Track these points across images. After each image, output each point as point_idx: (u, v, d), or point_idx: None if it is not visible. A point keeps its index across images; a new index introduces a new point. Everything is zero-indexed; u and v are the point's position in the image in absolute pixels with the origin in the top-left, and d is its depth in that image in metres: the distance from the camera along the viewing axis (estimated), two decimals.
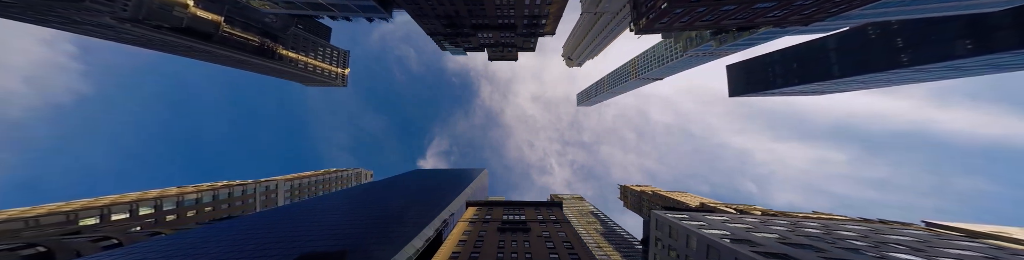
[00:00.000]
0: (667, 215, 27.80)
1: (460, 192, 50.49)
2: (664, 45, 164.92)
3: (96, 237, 29.61)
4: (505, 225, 29.17)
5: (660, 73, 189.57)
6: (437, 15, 35.84)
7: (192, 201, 64.16)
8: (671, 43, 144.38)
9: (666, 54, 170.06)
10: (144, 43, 44.43)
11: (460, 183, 65.94)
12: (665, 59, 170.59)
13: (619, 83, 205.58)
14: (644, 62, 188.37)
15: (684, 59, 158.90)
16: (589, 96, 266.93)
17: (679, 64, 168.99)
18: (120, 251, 25.17)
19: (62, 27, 39.05)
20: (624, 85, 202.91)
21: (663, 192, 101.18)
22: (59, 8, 30.19)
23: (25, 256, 23.00)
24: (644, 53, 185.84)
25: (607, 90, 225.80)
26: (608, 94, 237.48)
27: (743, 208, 51.36)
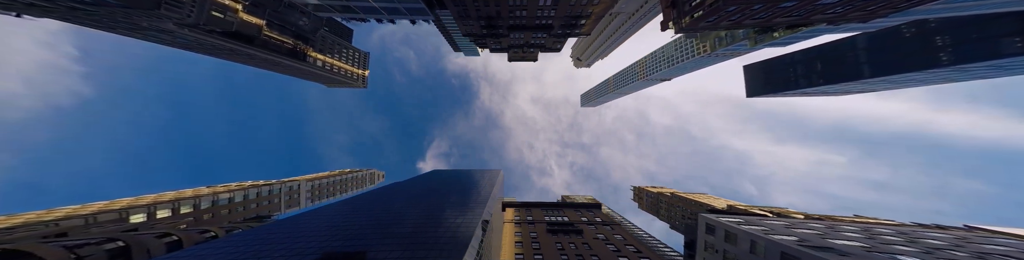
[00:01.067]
0: (721, 219, 26.52)
1: (491, 193, 49.82)
2: (674, 45, 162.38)
3: (158, 233, 30.35)
4: (553, 227, 28.32)
5: (669, 74, 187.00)
6: (478, 16, 35.43)
7: (225, 200, 64.87)
8: (689, 43, 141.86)
9: (676, 54, 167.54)
10: (192, 47, 45.29)
11: (487, 184, 65.29)
12: (675, 59, 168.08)
13: (626, 84, 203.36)
14: (652, 63, 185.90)
15: (695, 59, 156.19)
16: (594, 97, 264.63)
17: (690, 64, 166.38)
18: (192, 251, 25.31)
19: (126, 33, 40.14)
20: (631, 86, 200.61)
21: (683, 194, 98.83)
22: (134, 16, 30.99)
23: (108, 250, 24.50)
24: (653, 53, 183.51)
25: (612, 91, 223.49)
26: (614, 95, 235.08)
27: (780, 211, 49.43)
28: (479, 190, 57.04)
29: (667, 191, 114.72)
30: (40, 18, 33.40)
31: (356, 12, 35.03)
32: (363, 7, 34.30)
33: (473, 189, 58.80)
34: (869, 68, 73.20)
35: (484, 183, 72.29)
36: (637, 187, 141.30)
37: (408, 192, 55.10)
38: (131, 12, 29.47)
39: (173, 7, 31.04)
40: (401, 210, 35.08)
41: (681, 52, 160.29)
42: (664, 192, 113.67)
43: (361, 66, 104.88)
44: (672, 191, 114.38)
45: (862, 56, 75.02)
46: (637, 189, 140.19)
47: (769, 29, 35.75)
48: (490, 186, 68.08)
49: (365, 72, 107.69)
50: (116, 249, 25.12)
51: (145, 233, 30.15)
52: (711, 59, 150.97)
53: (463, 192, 52.23)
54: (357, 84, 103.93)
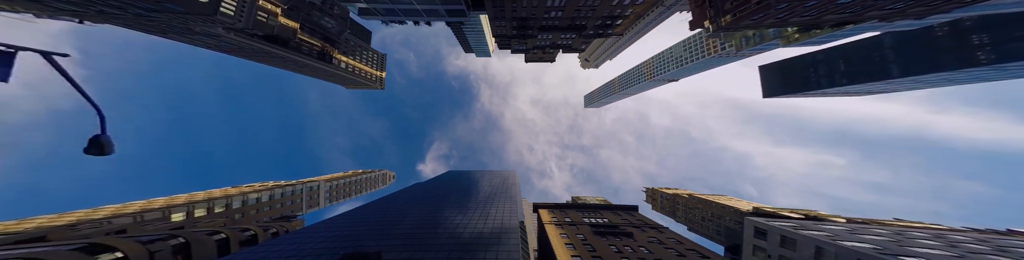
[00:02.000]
0: (774, 223, 25.24)
1: (516, 194, 49.09)
2: (683, 46, 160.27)
3: (209, 231, 30.71)
4: (599, 229, 27.29)
5: (677, 74, 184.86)
6: (513, 17, 34.89)
7: (254, 200, 65.23)
8: (698, 44, 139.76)
9: (685, 55, 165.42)
10: (232, 50, 45.91)
11: (507, 185, 64.55)
12: (684, 60, 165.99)
13: (632, 84, 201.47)
14: (660, 63, 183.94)
15: (705, 60, 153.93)
16: (598, 97, 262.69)
17: (699, 65, 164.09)
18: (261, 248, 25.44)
19: (176, 37, 40.92)
20: (637, 86, 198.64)
21: (702, 196, 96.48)
22: (190, 21, 31.59)
23: (173, 245, 25.43)
24: (660, 54, 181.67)
25: (618, 92, 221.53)
26: (619, 95, 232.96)
27: (814, 214, 47.50)
28: (503, 191, 56.28)
29: (683, 192, 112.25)
30: (99, 24, 34.19)
31: (399, 15, 34.87)
32: (406, 10, 34.13)
33: (497, 190, 58.06)
34: (898, 67, 70.64)
35: (504, 184, 71.49)
36: (651, 188, 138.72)
37: (437, 193, 54.56)
38: (189, 18, 30.09)
39: (228, 12, 31.59)
40: (439, 211, 34.49)
41: (690, 53, 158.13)
42: (680, 194, 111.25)
43: (379, 67, 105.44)
44: (689, 192, 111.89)
45: (890, 55, 72.51)
46: (651, 190, 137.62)
47: (814, 27, 34.41)
48: (511, 187, 67.32)
49: (382, 73, 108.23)
50: (178, 245, 26.00)
51: (198, 230, 30.66)
52: (721, 59, 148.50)
53: (488, 193, 51.52)
54: (375, 85, 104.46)
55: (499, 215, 31.19)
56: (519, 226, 29.20)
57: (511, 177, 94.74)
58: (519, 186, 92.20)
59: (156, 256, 23.55)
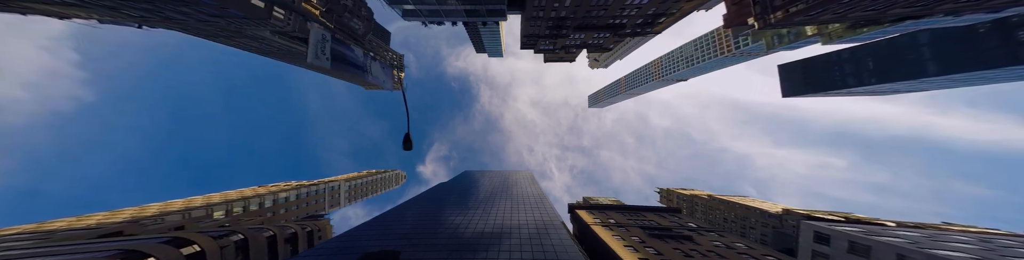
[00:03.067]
0: (840, 228, 23.72)
1: (543, 194, 48.12)
2: (694, 45, 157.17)
3: (257, 228, 31.34)
4: (653, 232, 26.17)
5: (686, 74, 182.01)
6: (549, 17, 33.97)
7: (283, 199, 65.68)
8: (709, 43, 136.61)
9: (696, 54, 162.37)
10: (271, 52, 46.25)
11: (531, 185, 63.62)
12: (694, 60, 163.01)
13: (639, 84, 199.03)
14: (669, 63, 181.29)
15: (717, 59, 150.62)
16: (603, 97, 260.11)
17: (710, 65, 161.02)
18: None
19: (223, 40, 41.39)
20: (644, 86, 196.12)
21: (723, 197, 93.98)
22: (245, 25, 31.93)
23: (235, 241, 26.15)
24: (669, 54, 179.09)
25: (624, 91, 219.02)
26: (624, 95, 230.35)
27: (859, 218, 45.33)
28: (529, 191, 55.43)
29: (702, 193, 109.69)
30: (155, 28, 34.77)
31: (441, 16, 34.38)
32: (449, 10, 33.60)
33: (523, 190, 57.23)
34: (936, 65, 67.40)
35: (526, 184, 70.59)
36: (665, 189, 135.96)
37: (467, 193, 53.90)
38: (244, 22, 30.32)
39: (279, 16, 31.87)
40: (480, 212, 33.84)
41: (702, 52, 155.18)
42: (699, 194, 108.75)
43: (398, 68, 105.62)
44: (708, 194, 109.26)
45: (926, 53, 69.25)
46: (665, 191, 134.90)
47: (872, 22, 32.59)
48: (534, 187, 66.39)
49: (401, 74, 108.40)
50: (239, 241, 26.67)
51: (254, 227, 31.20)
52: (732, 59, 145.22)
53: (515, 193, 50.69)
54: (395, 87, 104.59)
55: (541, 216, 30.30)
56: (566, 227, 28.26)
57: (529, 177, 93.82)
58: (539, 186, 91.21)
59: (224, 251, 24.18)
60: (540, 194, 51.04)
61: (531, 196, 48.00)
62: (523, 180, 79.25)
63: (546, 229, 26.07)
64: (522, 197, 46.99)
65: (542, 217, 29.95)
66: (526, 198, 45.60)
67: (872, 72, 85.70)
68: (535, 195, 48.72)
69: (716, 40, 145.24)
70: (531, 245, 22.31)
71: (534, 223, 27.87)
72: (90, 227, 27.94)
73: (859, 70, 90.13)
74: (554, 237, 23.45)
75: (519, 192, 53.23)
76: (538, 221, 28.56)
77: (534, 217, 30.04)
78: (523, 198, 45.72)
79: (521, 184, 68.24)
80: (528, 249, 21.71)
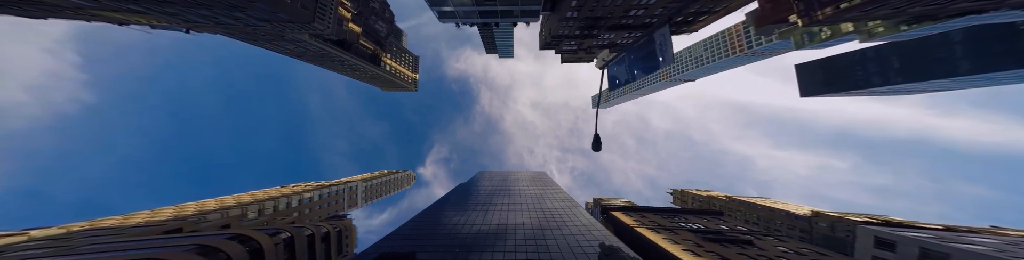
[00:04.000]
0: (906, 234, 22.73)
1: (569, 196, 47.57)
2: (703, 45, 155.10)
3: (296, 226, 31.88)
4: (706, 235, 25.39)
5: (695, 74, 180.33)
6: (585, 17, 33.53)
7: (308, 199, 66.22)
8: (720, 43, 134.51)
9: (706, 54, 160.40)
10: (303, 54, 46.90)
11: (554, 187, 63.09)
12: (704, 60, 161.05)
13: (645, 85, 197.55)
14: (677, 63, 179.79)
15: (728, 59, 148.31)
16: (607, 98, 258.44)
17: (720, 65, 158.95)
18: None
19: (261, 43, 42.16)
20: (651, 86, 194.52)
21: (743, 198, 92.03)
22: (289, 29, 32.56)
23: (284, 239, 26.91)
24: (678, 54, 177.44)
25: (629, 92, 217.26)
26: (630, 96, 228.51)
27: (899, 221, 43.83)
28: (554, 192, 54.91)
29: (719, 195, 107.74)
30: (201, 33, 35.51)
31: (476, 17, 34.26)
32: (485, 12, 33.39)
33: (546, 191, 56.72)
34: (970, 64, 65.23)
35: (547, 185, 70.01)
36: (679, 190, 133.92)
37: (495, 194, 53.56)
38: (289, 26, 30.82)
39: (320, 20, 32.36)
40: (517, 213, 33.49)
41: (711, 52, 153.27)
42: (716, 196, 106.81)
43: (413, 69, 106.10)
44: (725, 195, 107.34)
45: (958, 51, 67.09)
46: (679, 192, 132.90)
47: (929, 17, 31.40)
48: (556, 188, 65.80)
49: (416, 75, 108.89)
50: (287, 239, 27.41)
51: (300, 226, 31.72)
52: (743, 59, 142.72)
53: (547, 195, 50.21)
54: (410, 87, 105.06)
55: (578, 217, 29.82)
56: (609, 230, 27.73)
57: (545, 177, 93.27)
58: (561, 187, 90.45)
59: (277, 248, 24.77)
60: (566, 196, 50.52)
61: (558, 197, 47.49)
62: (542, 181, 78.79)
63: (590, 230, 25.59)
64: (548, 198, 46.53)
65: (579, 218, 29.43)
66: (553, 199, 45.13)
67: (898, 71, 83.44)
68: (562, 196, 48.22)
69: (727, 40, 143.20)
70: (581, 247, 21.85)
71: (575, 225, 27.39)
72: (153, 224, 28.71)
73: (883, 69, 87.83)
74: (603, 239, 22.91)
75: (543, 193, 52.76)
76: (577, 222, 28.06)
77: (571, 218, 29.54)
78: (550, 199, 45.26)
79: (542, 185, 67.78)
80: (580, 250, 21.25)
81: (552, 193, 53.80)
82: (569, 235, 25.07)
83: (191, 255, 18.62)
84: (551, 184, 68.14)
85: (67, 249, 19.47)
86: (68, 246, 19.65)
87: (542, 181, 74.95)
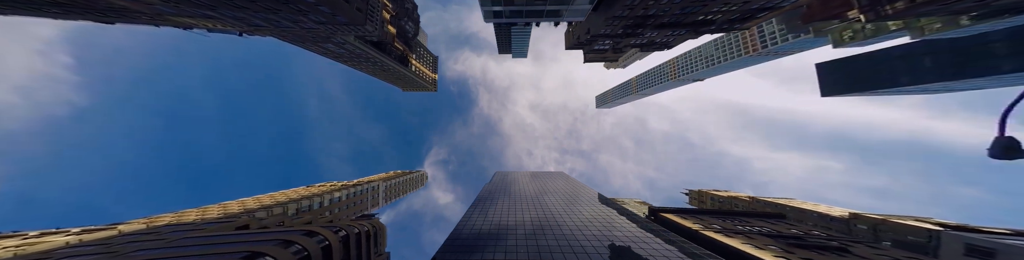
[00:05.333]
0: (1008, 242, 21.50)
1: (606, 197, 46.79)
2: (715, 45, 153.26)
3: (348, 226, 32.16)
4: (790, 240, 24.39)
5: (705, 74, 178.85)
6: (636, 15, 32.93)
7: (337, 199, 66.34)
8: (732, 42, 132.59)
9: (717, 54, 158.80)
10: (342, 56, 47.17)
11: (583, 187, 62.28)
12: (714, 59, 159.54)
13: (652, 84, 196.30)
14: (686, 62, 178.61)
15: (741, 59, 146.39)
16: (612, 98, 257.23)
17: (733, 64, 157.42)
18: None
19: (307, 45, 42.59)
20: (658, 86, 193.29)
21: (769, 199, 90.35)
22: (339, 31, 32.93)
23: (342, 237, 27.53)
24: (687, 53, 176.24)
25: (636, 92, 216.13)
26: (636, 95, 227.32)
27: (938, 222, 42.39)
28: (588, 193, 54.18)
29: (741, 195, 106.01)
30: (253, 36, 35.90)
31: (523, 16, 33.96)
32: (532, 11, 33.06)
33: (579, 192, 56.00)
34: (1012, 62, 63.16)
35: (580, 186, 69.21)
36: (696, 191, 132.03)
37: (535, 195, 52.96)
38: (342, 28, 31.08)
39: (370, 22, 32.72)
40: (570, 218, 32.92)
41: (722, 51, 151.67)
42: (738, 196, 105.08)
43: (433, 69, 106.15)
44: (747, 195, 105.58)
45: (999, 49, 65.02)
46: (697, 193, 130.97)
47: (1012, 10, 30.25)
48: (589, 189, 65.06)
49: (435, 75, 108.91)
50: (344, 236, 27.96)
51: (348, 224, 31.94)
52: (756, 59, 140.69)
53: (584, 195, 49.49)
54: (430, 87, 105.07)
55: (631, 218, 29.12)
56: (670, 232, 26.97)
57: (568, 178, 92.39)
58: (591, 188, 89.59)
59: (339, 244, 25.42)
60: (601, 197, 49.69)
61: (606, 200, 46.65)
62: (570, 182, 78.01)
63: (656, 232, 24.85)
64: (589, 198, 45.78)
65: (637, 219, 28.71)
66: (594, 200, 44.38)
67: (930, 70, 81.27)
68: (600, 197, 47.42)
69: (740, 39, 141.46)
70: (659, 250, 21.18)
71: (634, 226, 26.71)
72: (223, 220, 29.31)
73: (914, 68, 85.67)
74: (678, 243, 22.20)
75: (576, 194, 52.04)
76: (633, 224, 27.36)
77: (626, 220, 28.85)
78: (591, 200, 44.51)
79: (572, 186, 66.99)
80: (658, 254, 20.59)
81: (580, 194, 53.04)
82: (636, 237, 24.39)
83: (280, 249, 19.26)
84: (579, 186, 67.36)
85: (166, 242, 20.31)
86: (164, 239, 20.55)
87: (568, 181, 74.20)
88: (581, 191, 54.30)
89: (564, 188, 57.95)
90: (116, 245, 20.14)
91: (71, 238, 22.90)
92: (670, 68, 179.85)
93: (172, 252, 17.96)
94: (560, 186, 61.46)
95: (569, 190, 55.12)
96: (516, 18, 35.28)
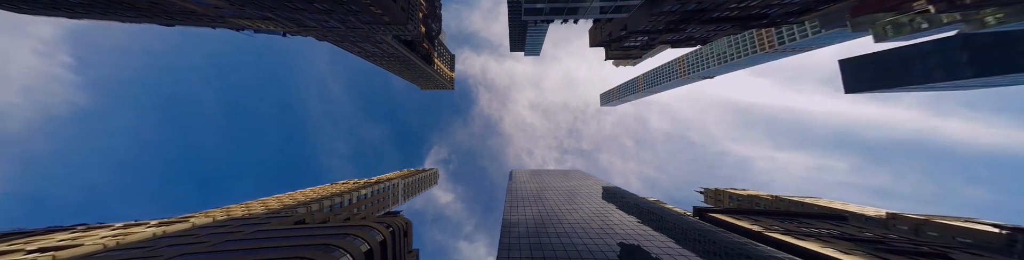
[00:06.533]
0: None
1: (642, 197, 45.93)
2: (727, 42, 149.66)
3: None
4: (877, 246, 23.00)
5: (715, 71, 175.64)
6: (685, 10, 31.75)
7: (363, 196, 66.74)
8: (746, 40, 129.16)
9: (730, 51, 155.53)
10: (373, 55, 47.13)
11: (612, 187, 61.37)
12: (727, 56, 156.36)
13: (660, 82, 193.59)
14: (697, 60, 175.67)
15: (755, 56, 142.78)
16: (618, 96, 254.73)
17: (746, 61, 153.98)
18: None
19: (346, 45, 42.48)
20: (666, 84, 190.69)
21: (794, 198, 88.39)
22: (381, 31, 32.99)
23: (391, 232, 28.15)
24: (698, 51, 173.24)
25: (643, 89, 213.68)
26: (643, 93, 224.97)
27: (990, 223, 40.67)
28: (620, 193, 53.31)
29: (762, 194, 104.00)
30: (296, 36, 35.92)
31: (562, 13, 33.04)
32: (574, 8, 32.08)
33: (616, 191, 55.15)
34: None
35: (607, 184, 68.29)
36: (714, 189, 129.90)
37: (569, 194, 52.28)
38: (385, 27, 31.10)
39: (411, 21, 32.71)
40: (620, 217, 32.29)
41: (735, 48, 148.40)
42: (759, 195, 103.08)
43: (451, 68, 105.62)
44: (768, 194, 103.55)
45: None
46: (713, 191, 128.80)
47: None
48: (620, 187, 64.15)
49: (453, 74, 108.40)
50: (393, 231, 28.79)
51: (394, 220, 32.72)
52: (771, 55, 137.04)
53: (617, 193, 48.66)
54: (449, 86, 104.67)
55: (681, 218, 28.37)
56: None
57: (590, 177, 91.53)
58: None
59: (391, 238, 26.56)
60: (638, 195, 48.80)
61: (643, 201, 45.74)
62: (593, 179, 77.18)
63: (714, 232, 24.07)
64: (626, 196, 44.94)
65: (685, 219, 27.95)
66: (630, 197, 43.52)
67: (967, 65, 78.34)
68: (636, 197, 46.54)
69: (755, 35, 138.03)
70: (741, 252, 20.39)
71: (691, 226, 25.92)
72: (280, 215, 30.22)
73: (948, 63, 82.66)
74: (749, 245, 21.38)
75: (614, 192, 51.21)
76: (689, 224, 26.56)
77: (680, 219, 28.08)
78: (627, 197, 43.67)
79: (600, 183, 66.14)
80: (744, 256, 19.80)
81: (615, 194, 52.17)
82: (707, 238, 23.61)
83: (349, 243, 20.54)
84: (605, 182, 66.45)
85: (244, 234, 21.52)
86: (240, 232, 21.42)
87: (591, 179, 73.37)
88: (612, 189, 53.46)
89: (593, 186, 57.18)
90: (202, 236, 21.46)
91: (155, 229, 24.25)
92: (679, 65, 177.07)
93: (257, 243, 19.11)
94: (590, 184, 60.74)
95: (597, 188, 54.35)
96: (554, 15, 34.31)
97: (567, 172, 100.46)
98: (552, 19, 39.39)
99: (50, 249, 20.22)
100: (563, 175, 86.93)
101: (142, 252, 18.66)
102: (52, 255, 18.72)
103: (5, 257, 19.26)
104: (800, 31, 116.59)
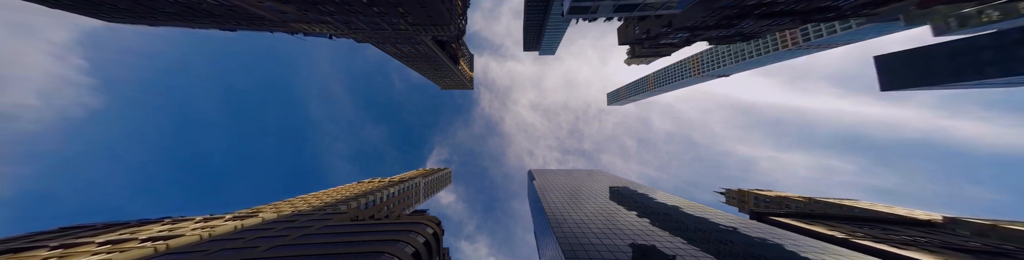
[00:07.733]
0: None
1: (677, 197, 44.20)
2: None
3: None
4: (999, 258, 20.82)
5: (731, 70, 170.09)
6: (747, 4, 29.81)
7: (392, 194, 66.92)
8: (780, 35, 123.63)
9: (748, 48, 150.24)
10: (407, 56, 47.12)
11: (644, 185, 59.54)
12: (745, 54, 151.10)
13: (672, 80, 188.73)
14: (711, 58, 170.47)
15: (776, 53, 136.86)
16: (626, 95, 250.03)
17: (764, 59, 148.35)
18: None
19: (386, 47, 42.43)
20: (677, 83, 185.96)
21: (832, 200, 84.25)
22: (424, 31, 33.09)
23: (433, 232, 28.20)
24: (714, 49, 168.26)
25: (652, 88, 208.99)
26: (652, 92, 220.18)
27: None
28: (659, 192, 51.59)
29: (794, 195, 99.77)
30: (340, 38, 35.95)
31: (610, 11, 31.61)
32: (626, 5, 30.55)
33: (648, 191, 53.46)
34: None
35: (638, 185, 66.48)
36: (736, 190, 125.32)
37: (600, 194, 50.87)
38: (428, 29, 31.30)
39: (453, 22, 32.76)
40: (679, 217, 30.97)
41: (755, 45, 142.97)
42: (790, 197, 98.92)
43: (470, 67, 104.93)
44: (800, 196, 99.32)
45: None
46: (737, 192, 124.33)
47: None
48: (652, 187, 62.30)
49: (472, 74, 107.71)
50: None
51: (430, 219, 33.14)
52: (793, 52, 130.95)
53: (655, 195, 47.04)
54: (468, 86, 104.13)
55: (750, 224, 26.75)
56: None
57: (611, 177, 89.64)
58: None
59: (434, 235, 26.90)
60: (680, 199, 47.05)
61: (670, 197, 44.12)
62: (619, 179, 75.36)
63: (792, 240, 22.40)
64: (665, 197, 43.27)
65: (747, 224, 26.33)
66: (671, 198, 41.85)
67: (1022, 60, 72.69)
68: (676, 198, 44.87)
69: (778, 32, 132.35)
70: None
71: (761, 230, 24.35)
72: (338, 212, 31.12)
73: (1005, 58, 76.99)
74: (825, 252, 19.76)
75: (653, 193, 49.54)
76: (757, 229, 24.96)
77: (744, 222, 26.52)
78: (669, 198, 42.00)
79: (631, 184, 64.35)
80: None
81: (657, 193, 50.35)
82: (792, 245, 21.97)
83: (411, 238, 21.99)
84: (636, 185, 64.60)
85: (315, 229, 22.53)
86: (310, 226, 22.34)
87: (617, 179, 71.56)
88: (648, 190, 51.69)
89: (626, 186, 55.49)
90: (280, 229, 22.88)
91: (234, 223, 25.57)
92: (692, 64, 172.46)
93: (329, 238, 20.18)
94: (620, 184, 59.07)
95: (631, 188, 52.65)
96: (602, 13, 32.71)
97: (590, 172, 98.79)
98: (596, 17, 37.76)
99: (159, 238, 22.20)
100: (588, 175, 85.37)
101: (241, 243, 20.06)
102: (166, 244, 20.69)
103: (126, 244, 21.25)
104: (827, 27, 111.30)
